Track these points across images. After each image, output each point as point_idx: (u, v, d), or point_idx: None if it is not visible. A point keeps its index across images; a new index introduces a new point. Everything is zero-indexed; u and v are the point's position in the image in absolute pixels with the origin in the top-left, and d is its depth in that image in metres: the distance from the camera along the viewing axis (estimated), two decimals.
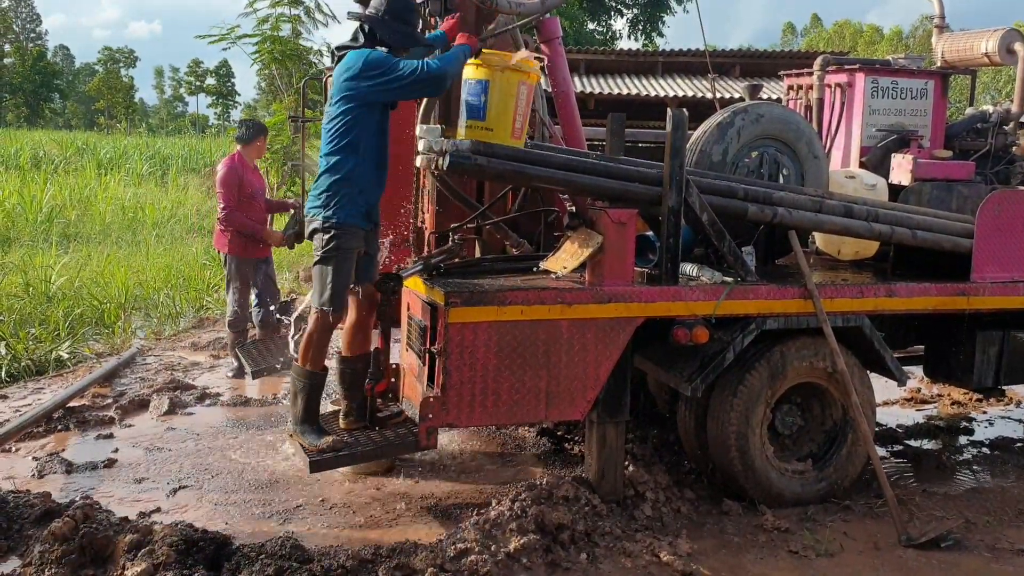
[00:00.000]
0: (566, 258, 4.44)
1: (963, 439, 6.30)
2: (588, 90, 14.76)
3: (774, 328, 4.64)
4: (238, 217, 7.06)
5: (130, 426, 6.07)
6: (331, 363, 4.87)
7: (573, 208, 4.92)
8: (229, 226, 7.13)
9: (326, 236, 4.23)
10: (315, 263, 4.32)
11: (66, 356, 7.60)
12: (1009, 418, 6.78)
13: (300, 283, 10.58)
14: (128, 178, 22.58)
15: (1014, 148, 6.28)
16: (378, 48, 4.23)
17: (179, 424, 6.12)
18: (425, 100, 4.77)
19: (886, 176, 5.77)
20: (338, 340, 4.80)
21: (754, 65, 16.17)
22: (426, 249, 5.02)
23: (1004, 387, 5.59)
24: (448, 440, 5.71)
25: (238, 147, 7.39)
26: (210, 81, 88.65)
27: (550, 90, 5.33)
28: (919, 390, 7.27)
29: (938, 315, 5.16)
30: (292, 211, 7.33)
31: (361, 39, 4.29)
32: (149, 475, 5.16)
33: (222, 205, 7.13)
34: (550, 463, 5.43)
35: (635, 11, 27.15)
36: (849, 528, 4.55)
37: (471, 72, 4.28)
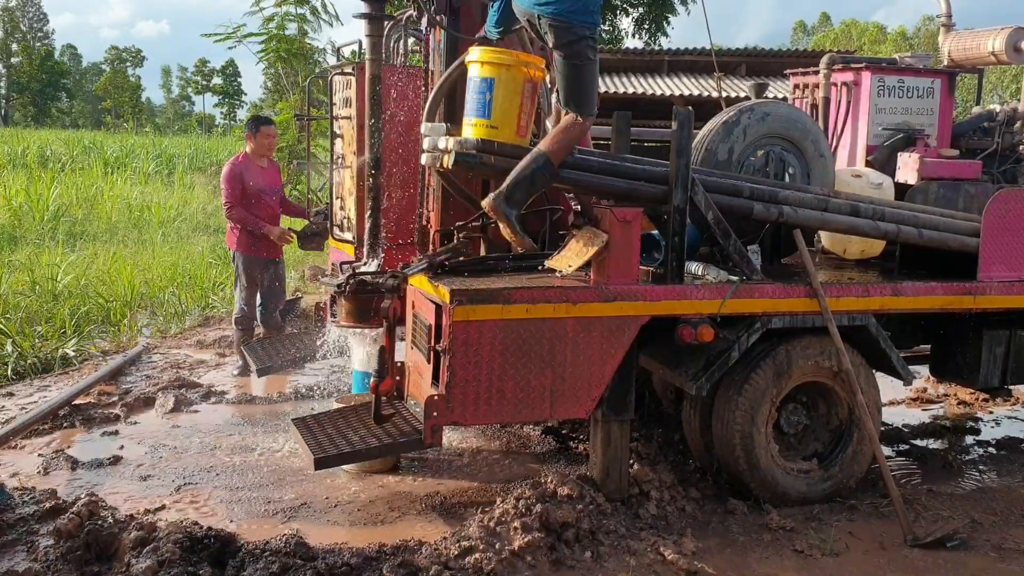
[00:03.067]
0: (571, 256, 4.43)
1: (969, 439, 6.28)
2: None
3: (780, 327, 4.63)
4: (239, 212, 7.13)
5: (135, 424, 6.08)
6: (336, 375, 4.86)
7: (578, 206, 4.92)
8: (230, 221, 7.28)
9: (580, 41, 4.13)
10: (565, 64, 4.19)
11: (72, 354, 7.61)
12: (1015, 418, 6.76)
13: (306, 282, 10.59)
14: (134, 177, 22.62)
15: (1021, 147, 6.25)
16: None
17: (184, 422, 6.14)
18: (430, 98, 4.76)
19: (892, 175, 5.75)
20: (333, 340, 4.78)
21: (760, 64, 16.14)
22: (431, 247, 5.02)
23: (1010, 387, 5.56)
24: (453, 438, 5.71)
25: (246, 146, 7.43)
26: (216, 80, 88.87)
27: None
28: (925, 390, 7.24)
29: (944, 314, 5.14)
30: (316, 214, 7.21)
31: None
32: (154, 472, 5.17)
33: (224, 201, 7.26)
34: (555, 461, 5.43)
35: (640, 10, 27.09)
36: (855, 527, 4.54)
37: (477, 70, 4.27)
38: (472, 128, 4.28)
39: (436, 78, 4.92)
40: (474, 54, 4.31)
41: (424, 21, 5.13)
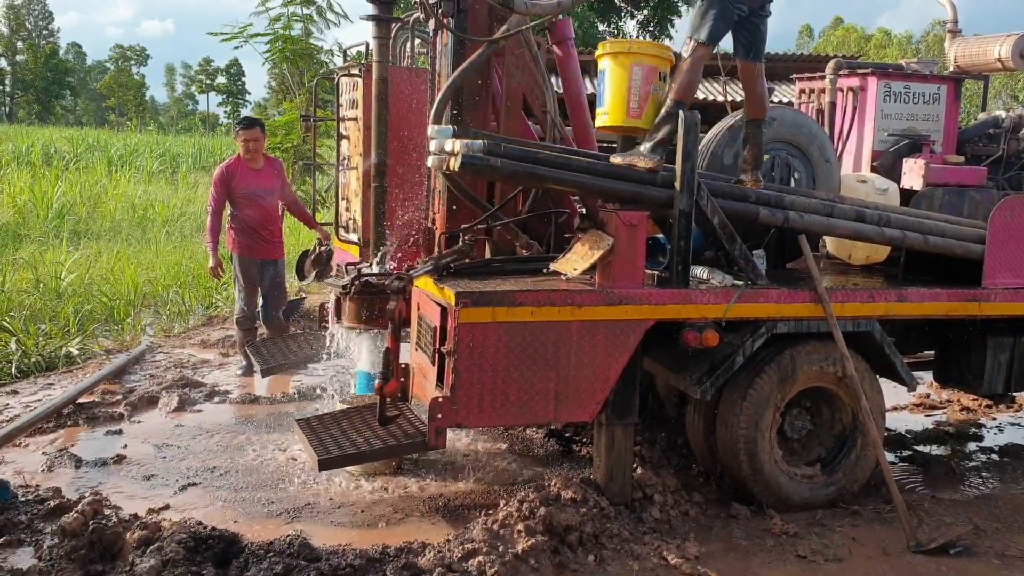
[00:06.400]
0: (576, 260, 4.44)
1: (972, 445, 6.27)
2: None
3: (784, 332, 4.63)
4: (211, 220, 7.22)
5: (139, 423, 6.09)
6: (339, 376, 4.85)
7: (584, 210, 4.92)
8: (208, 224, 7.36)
9: None
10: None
11: (76, 352, 7.62)
12: (1019, 425, 6.75)
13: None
14: (138, 175, 22.64)
15: None
16: None
17: (188, 421, 6.14)
18: (437, 100, 4.77)
19: (898, 181, 5.75)
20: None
21: (766, 68, 16.12)
22: (436, 250, 5.02)
23: (1014, 393, 5.57)
24: (457, 441, 5.71)
25: None
26: (221, 80, 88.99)
27: (561, 92, 5.33)
28: (929, 396, 7.24)
29: (949, 321, 5.14)
30: (318, 243, 7.06)
31: None
32: (158, 472, 5.18)
33: (209, 205, 7.32)
34: (558, 465, 5.43)
35: (645, 12, 27.10)
36: (858, 533, 4.53)
37: (599, 65, 4.56)
38: (597, 119, 4.66)
39: (443, 80, 4.93)
40: (600, 49, 4.57)
41: (431, 23, 5.14)
